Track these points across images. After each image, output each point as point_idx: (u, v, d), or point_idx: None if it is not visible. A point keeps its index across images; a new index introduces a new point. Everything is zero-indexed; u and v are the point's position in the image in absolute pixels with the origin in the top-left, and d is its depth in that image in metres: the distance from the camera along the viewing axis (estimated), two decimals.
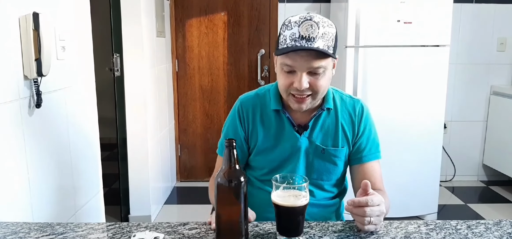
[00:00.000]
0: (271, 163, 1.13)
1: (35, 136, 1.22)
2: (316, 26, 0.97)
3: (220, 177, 0.81)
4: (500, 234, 0.88)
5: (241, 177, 0.81)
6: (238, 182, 0.80)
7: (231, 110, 1.19)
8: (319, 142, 1.11)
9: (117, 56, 2.43)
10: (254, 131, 1.14)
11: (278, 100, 1.12)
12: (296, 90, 1.01)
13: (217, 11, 3.19)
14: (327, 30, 0.98)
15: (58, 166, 1.36)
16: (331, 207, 1.20)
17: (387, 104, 2.52)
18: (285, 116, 1.11)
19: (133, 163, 2.56)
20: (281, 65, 1.02)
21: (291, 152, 1.11)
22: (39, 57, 1.16)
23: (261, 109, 1.15)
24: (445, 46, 2.49)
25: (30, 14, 1.14)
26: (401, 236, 0.88)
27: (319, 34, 0.96)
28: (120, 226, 0.93)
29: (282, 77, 1.03)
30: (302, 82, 0.99)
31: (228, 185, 0.80)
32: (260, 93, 1.17)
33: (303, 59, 0.98)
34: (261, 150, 1.14)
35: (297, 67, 0.99)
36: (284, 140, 1.12)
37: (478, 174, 3.42)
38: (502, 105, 3.13)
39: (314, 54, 0.97)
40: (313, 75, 1.00)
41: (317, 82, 1.01)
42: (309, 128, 1.11)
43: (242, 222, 0.82)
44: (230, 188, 0.80)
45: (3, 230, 0.91)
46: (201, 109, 3.33)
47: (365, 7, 2.42)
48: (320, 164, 1.12)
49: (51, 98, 1.30)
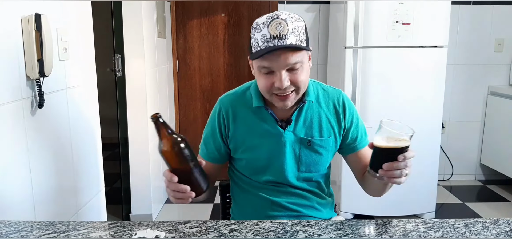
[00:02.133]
0: (258, 161, 1.13)
1: (37, 136, 1.23)
2: (284, 23, 0.97)
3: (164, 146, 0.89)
4: (497, 233, 0.89)
5: (181, 142, 0.89)
6: (180, 146, 0.89)
7: (212, 112, 1.19)
8: (304, 135, 1.11)
9: (119, 57, 2.44)
10: (236, 130, 1.14)
11: (259, 97, 1.11)
12: (278, 89, 1.01)
13: (217, 13, 3.20)
14: (296, 25, 0.99)
15: (60, 166, 1.37)
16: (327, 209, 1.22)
17: (386, 104, 2.53)
18: (268, 112, 1.11)
19: (134, 163, 2.57)
20: (258, 68, 1.02)
21: (277, 148, 1.11)
22: (41, 58, 1.17)
23: (241, 107, 1.14)
24: (443, 47, 2.50)
25: (32, 15, 1.15)
26: (399, 234, 0.88)
27: (289, 30, 0.97)
28: (122, 225, 0.93)
29: (262, 80, 1.03)
30: (283, 80, 0.99)
31: (173, 149, 0.89)
32: (240, 91, 1.17)
33: (279, 58, 0.98)
34: (246, 148, 1.13)
35: (274, 67, 0.99)
36: (269, 136, 1.11)
37: (475, 174, 3.44)
38: (500, 105, 3.14)
39: (289, 51, 0.98)
40: (292, 71, 1.01)
41: (297, 77, 1.01)
42: (292, 121, 1.11)
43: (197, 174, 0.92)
44: (175, 152, 0.89)
45: (6, 229, 0.92)
46: (202, 109, 3.34)
47: (364, 8, 2.43)
48: (307, 156, 1.13)
49: (53, 98, 1.31)
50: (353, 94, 2.50)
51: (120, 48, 2.44)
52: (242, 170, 1.17)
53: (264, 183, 1.15)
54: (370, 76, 2.50)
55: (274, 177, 1.14)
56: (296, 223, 0.94)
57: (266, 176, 1.14)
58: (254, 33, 1.00)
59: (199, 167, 0.93)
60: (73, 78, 1.45)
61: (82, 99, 1.52)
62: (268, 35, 0.97)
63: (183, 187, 0.90)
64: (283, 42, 0.96)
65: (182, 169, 0.91)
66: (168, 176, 0.91)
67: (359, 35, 2.45)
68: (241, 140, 1.13)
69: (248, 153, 1.13)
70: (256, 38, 0.99)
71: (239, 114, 1.14)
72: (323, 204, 1.20)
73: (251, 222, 0.94)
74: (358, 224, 0.93)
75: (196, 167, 0.92)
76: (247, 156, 1.14)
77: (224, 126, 1.15)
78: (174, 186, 0.91)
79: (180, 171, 0.91)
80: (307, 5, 3.16)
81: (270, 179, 1.14)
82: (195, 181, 0.92)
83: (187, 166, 0.91)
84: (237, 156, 1.16)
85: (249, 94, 1.15)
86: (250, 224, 0.93)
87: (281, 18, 0.98)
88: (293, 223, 0.93)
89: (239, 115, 1.14)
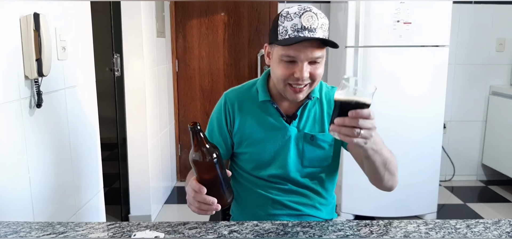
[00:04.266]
0: (262, 154, 1.14)
1: (36, 136, 1.23)
2: (316, 17, 1.00)
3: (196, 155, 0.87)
4: (499, 233, 0.89)
5: (215, 152, 0.88)
6: (211, 156, 0.87)
7: (216, 106, 1.20)
8: (308, 130, 1.13)
9: (118, 56, 2.44)
10: (241, 123, 1.15)
11: (266, 91, 1.14)
12: (296, 80, 1.02)
13: (217, 12, 3.20)
14: (323, 21, 1.02)
15: (59, 166, 1.36)
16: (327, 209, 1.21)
17: (387, 104, 2.52)
18: (273, 107, 1.13)
19: (133, 163, 2.57)
20: (281, 56, 1.03)
21: (281, 142, 1.12)
22: (39, 57, 1.17)
23: (247, 101, 1.16)
24: (445, 47, 2.49)
25: (31, 15, 1.14)
26: (400, 235, 0.88)
27: (319, 25, 1.00)
28: (121, 226, 0.93)
29: (281, 68, 1.04)
30: (303, 72, 1.01)
31: (202, 159, 0.87)
32: (245, 87, 1.19)
33: (306, 49, 1.00)
34: (251, 141, 1.14)
35: (299, 57, 1.01)
36: (274, 130, 1.13)
37: (477, 174, 3.43)
38: (501, 105, 3.14)
39: (316, 44, 1.00)
40: (313, 64, 1.03)
41: (316, 71, 1.03)
42: (297, 117, 1.13)
43: (224, 185, 0.90)
44: (205, 162, 0.88)
45: (4, 230, 0.91)
46: (202, 109, 3.33)
47: (365, 8, 2.43)
48: (310, 151, 1.13)
49: (52, 98, 1.31)
50: None
51: (119, 48, 2.44)
52: (245, 165, 1.17)
53: (267, 179, 1.15)
54: (371, 76, 2.49)
55: (277, 172, 1.14)
56: (296, 224, 0.93)
57: (269, 170, 1.14)
58: (284, 21, 1.01)
59: (228, 178, 0.92)
60: (72, 78, 1.44)
61: (80, 99, 1.51)
62: (300, 25, 0.99)
63: (210, 199, 0.88)
64: (313, 35, 0.99)
65: (213, 180, 0.89)
66: (197, 187, 0.88)
67: (359, 35, 2.44)
68: (246, 133, 1.14)
69: (252, 146, 1.14)
70: (286, 26, 1.01)
71: (245, 107, 1.15)
72: (324, 204, 1.19)
73: (251, 223, 0.94)
74: (359, 225, 0.93)
75: (226, 179, 0.91)
76: (251, 150, 1.14)
77: (229, 118, 1.16)
78: (201, 198, 0.88)
79: (210, 182, 0.89)
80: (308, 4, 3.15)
81: (273, 174, 1.14)
82: (223, 193, 0.91)
83: (218, 178, 0.89)
84: (241, 150, 1.16)
85: (255, 89, 1.17)
86: (250, 225, 0.93)
87: (313, 12, 1.01)
88: (293, 224, 0.93)
89: (245, 109, 1.15)
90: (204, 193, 0.87)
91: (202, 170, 0.88)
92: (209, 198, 0.88)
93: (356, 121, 0.83)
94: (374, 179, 1.08)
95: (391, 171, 1.04)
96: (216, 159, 0.87)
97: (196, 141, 0.87)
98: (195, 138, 0.86)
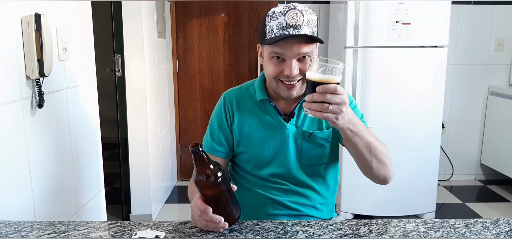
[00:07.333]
0: (262, 153, 1.14)
1: (37, 136, 1.23)
2: (300, 14, 1.01)
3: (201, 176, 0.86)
4: (497, 233, 0.89)
5: (219, 171, 0.86)
6: (216, 177, 0.86)
7: (216, 107, 1.21)
8: (306, 128, 1.14)
9: (118, 57, 2.44)
10: (240, 122, 1.16)
11: (263, 90, 1.15)
12: (286, 77, 1.04)
13: (217, 13, 3.20)
14: (310, 18, 1.03)
15: (60, 166, 1.37)
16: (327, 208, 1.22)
17: (386, 104, 2.53)
18: (271, 105, 1.14)
19: (134, 163, 2.57)
20: (270, 54, 1.05)
21: (280, 140, 1.13)
22: (41, 58, 1.17)
23: (246, 100, 1.17)
24: (443, 47, 2.50)
25: (32, 15, 1.15)
26: (399, 234, 0.88)
27: (304, 22, 1.01)
28: (122, 225, 0.93)
29: (271, 66, 1.06)
30: (292, 68, 1.02)
31: (206, 180, 0.86)
32: (243, 87, 1.21)
33: (292, 47, 1.01)
34: (250, 140, 1.15)
35: (286, 55, 1.02)
36: (273, 128, 1.13)
37: (475, 174, 3.44)
38: (500, 105, 3.14)
39: (302, 41, 1.01)
40: (302, 61, 1.03)
41: (306, 67, 1.04)
42: (295, 115, 1.13)
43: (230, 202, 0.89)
44: (209, 182, 0.86)
45: (6, 229, 0.92)
46: (202, 109, 3.34)
47: (364, 8, 2.43)
48: (308, 148, 1.14)
49: (53, 98, 1.31)
50: (353, 94, 2.50)
51: (120, 48, 2.44)
52: (244, 164, 1.18)
53: (267, 178, 1.15)
54: (370, 76, 2.50)
55: (277, 170, 1.14)
56: (296, 223, 0.94)
57: (269, 169, 1.15)
58: (270, 21, 1.03)
59: (233, 196, 0.90)
60: (73, 78, 1.45)
61: (82, 99, 1.52)
62: (284, 23, 1.00)
63: (217, 218, 0.86)
64: (297, 32, 1.00)
65: (219, 199, 0.87)
66: (202, 207, 0.86)
67: (359, 35, 2.45)
68: (244, 132, 1.15)
69: (251, 145, 1.15)
70: (272, 25, 1.03)
71: (243, 106, 1.16)
72: (324, 204, 1.20)
73: (251, 222, 0.94)
74: (358, 224, 0.93)
75: (232, 197, 0.90)
76: (251, 149, 1.15)
77: (229, 117, 1.17)
78: (208, 217, 0.86)
79: (216, 201, 0.87)
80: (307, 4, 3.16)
81: (273, 172, 1.15)
82: (230, 211, 0.89)
83: (223, 197, 0.88)
84: (240, 150, 1.17)
85: (253, 89, 1.18)
86: (250, 224, 0.93)
87: (298, 9, 1.02)
88: (293, 223, 0.93)
89: (243, 108, 1.16)
90: (210, 213, 0.86)
91: (207, 190, 0.87)
92: (216, 217, 0.85)
93: (324, 96, 0.88)
94: (363, 168, 1.07)
95: (379, 159, 1.04)
96: (221, 179, 0.86)
97: (199, 162, 0.85)
98: (198, 159, 0.85)
